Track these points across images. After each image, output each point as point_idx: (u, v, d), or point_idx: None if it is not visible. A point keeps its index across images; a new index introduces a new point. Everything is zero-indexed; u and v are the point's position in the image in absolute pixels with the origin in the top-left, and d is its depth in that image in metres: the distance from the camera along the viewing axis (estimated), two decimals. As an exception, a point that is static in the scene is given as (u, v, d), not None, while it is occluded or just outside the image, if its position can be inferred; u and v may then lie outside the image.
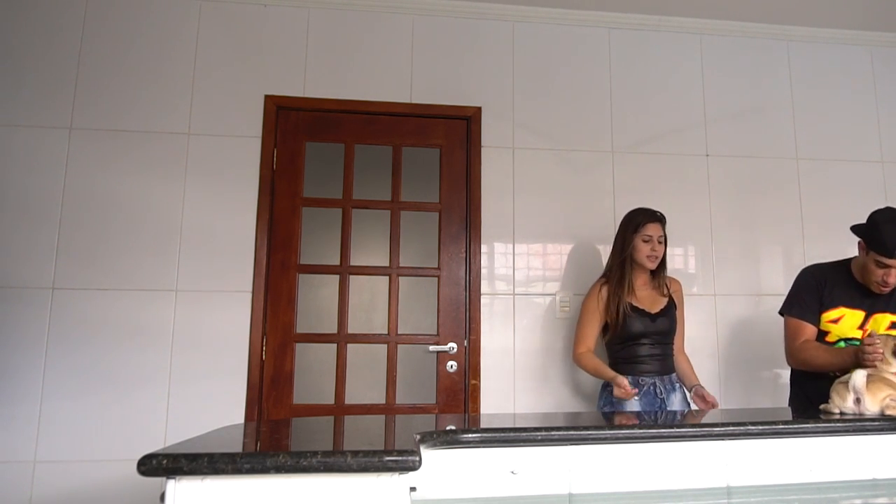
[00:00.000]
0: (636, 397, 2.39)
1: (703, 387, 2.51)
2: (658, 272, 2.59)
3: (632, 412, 2.35)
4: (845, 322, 2.24)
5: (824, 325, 2.25)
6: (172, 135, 2.90)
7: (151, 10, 2.97)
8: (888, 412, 1.68)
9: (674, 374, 2.54)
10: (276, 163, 2.96)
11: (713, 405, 2.44)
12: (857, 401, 1.72)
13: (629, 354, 2.50)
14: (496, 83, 3.15)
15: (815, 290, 2.28)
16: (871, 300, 2.22)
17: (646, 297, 2.55)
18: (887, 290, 2.16)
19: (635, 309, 2.50)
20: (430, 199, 3.04)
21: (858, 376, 1.75)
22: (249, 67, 2.99)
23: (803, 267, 2.42)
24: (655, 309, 2.53)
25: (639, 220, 2.54)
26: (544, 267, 3.06)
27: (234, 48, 3.00)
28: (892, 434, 1.53)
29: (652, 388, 2.45)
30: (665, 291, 2.58)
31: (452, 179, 3.06)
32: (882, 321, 2.22)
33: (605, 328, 2.58)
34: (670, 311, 2.55)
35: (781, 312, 2.37)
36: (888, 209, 2.15)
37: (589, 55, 3.24)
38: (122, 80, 2.90)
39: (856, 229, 2.20)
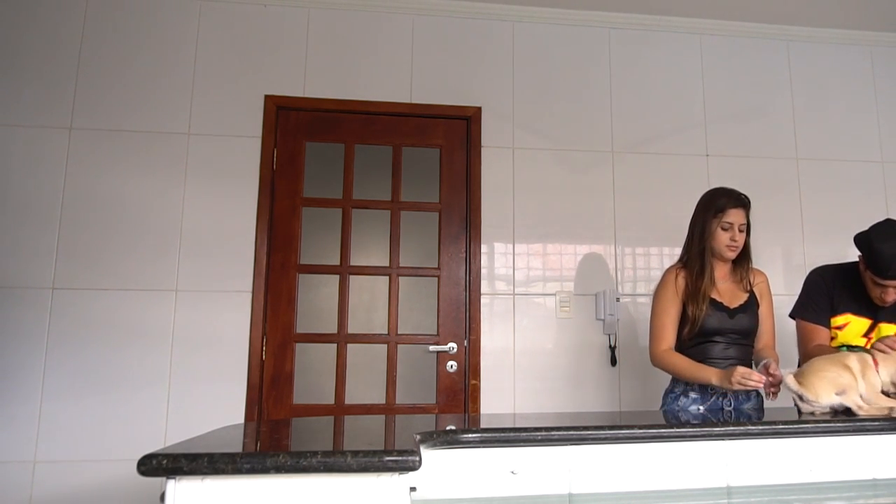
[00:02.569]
0: (737, 399, 2.09)
1: (773, 362, 2.10)
2: (740, 263, 2.27)
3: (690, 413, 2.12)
4: (850, 329, 2.22)
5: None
6: (172, 135, 2.90)
7: (151, 10, 2.97)
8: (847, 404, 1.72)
9: None
10: (276, 163, 2.96)
11: (772, 380, 2.04)
12: (801, 398, 1.78)
13: (700, 355, 2.19)
14: (496, 83, 3.15)
15: (827, 293, 2.24)
16: (878, 309, 2.20)
17: (725, 291, 2.23)
18: (886, 305, 2.16)
19: (711, 301, 2.19)
20: (430, 199, 3.04)
21: (788, 380, 1.82)
22: (249, 67, 2.99)
23: (812, 267, 2.40)
24: (735, 304, 2.21)
25: (720, 205, 2.21)
26: (544, 267, 3.06)
27: (234, 48, 3.00)
28: (892, 434, 1.53)
29: (720, 398, 2.16)
30: (747, 286, 2.25)
31: (452, 179, 3.06)
32: (886, 331, 2.19)
33: (681, 322, 2.25)
34: (751, 308, 2.22)
35: (793, 315, 2.33)
36: (886, 224, 2.09)
37: (589, 55, 3.24)
38: (123, 80, 2.90)
39: (857, 242, 2.16)
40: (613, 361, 2.99)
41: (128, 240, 2.80)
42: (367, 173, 3.04)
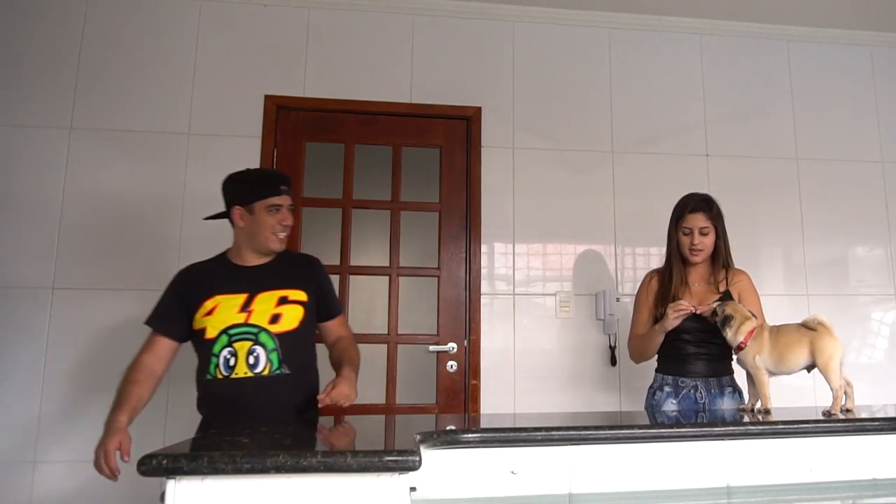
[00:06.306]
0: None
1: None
2: (715, 265, 2.33)
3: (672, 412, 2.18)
4: (223, 308, 2.10)
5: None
6: (172, 135, 2.90)
7: (151, 9, 2.97)
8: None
9: (725, 378, 2.27)
10: (276, 163, 2.95)
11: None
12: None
13: (673, 352, 2.29)
14: (496, 83, 3.15)
15: (178, 296, 2.19)
16: (251, 283, 2.09)
17: (697, 292, 2.30)
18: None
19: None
20: (430, 199, 3.04)
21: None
22: (249, 67, 2.99)
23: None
24: (703, 304, 2.24)
25: (678, 211, 2.32)
26: (544, 267, 3.06)
27: (234, 48, 3.00)
28: (892, 434, 1.53)
29: (692, 391, 2.24)
30: (721, 287, 2.29)
31: (452, 179, 3.06)
32: (263, 301, 2.07)
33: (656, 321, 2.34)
34: None
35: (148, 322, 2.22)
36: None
37: (589, 55, 3.24)
38: (122, 80, 2.90)
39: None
40: (613, 361, 2.99)
41: (128, 240, 2.79)
42: (367, 173, 3.03)
